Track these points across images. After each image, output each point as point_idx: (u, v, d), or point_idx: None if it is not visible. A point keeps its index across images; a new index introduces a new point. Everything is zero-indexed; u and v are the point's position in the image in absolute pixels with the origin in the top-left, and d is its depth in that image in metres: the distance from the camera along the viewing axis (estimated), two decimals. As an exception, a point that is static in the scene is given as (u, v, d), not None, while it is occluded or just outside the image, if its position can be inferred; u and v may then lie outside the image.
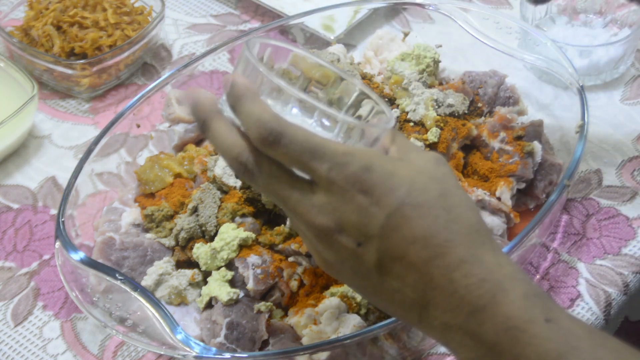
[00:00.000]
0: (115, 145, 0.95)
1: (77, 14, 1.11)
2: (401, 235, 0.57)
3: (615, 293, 0.87)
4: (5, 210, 1.00)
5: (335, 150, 0.58)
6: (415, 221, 0.57)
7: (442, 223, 0.58)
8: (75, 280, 0.81)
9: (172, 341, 0.74)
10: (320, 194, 0.59)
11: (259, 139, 0.58)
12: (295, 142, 0.58)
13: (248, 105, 0.59)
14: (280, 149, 0.58)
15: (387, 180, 0.58)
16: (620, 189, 0.96)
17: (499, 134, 0.91)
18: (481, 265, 0.57)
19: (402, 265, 0.58)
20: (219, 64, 1.11)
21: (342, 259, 0.60)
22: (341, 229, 0.58)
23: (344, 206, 0.58)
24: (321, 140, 0.58)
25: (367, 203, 0.58)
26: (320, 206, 0.59)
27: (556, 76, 0.96)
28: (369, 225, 0.58)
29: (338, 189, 0.58)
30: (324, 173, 0.58)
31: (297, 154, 0.58)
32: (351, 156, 0.58)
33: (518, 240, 0.79)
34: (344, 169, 0.58)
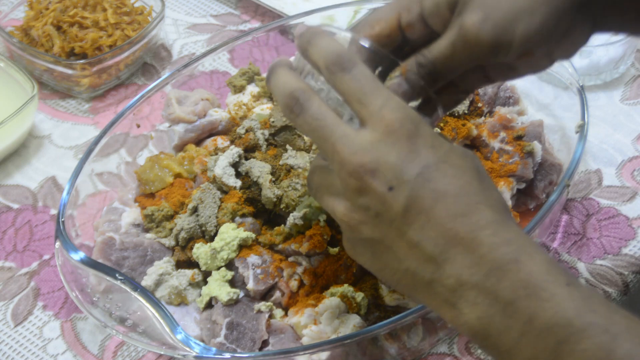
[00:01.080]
0: (115, 145, 0.95)
1: (77, 14, 1.11)
2: (434, 187, 0.58)
3: (615, 293, 0.87)
4: (5, 210, 1.00)
5: (391, 95, 0.60)
6: (450, 178, 0.58)
7: (475, 188, 0.59)
8: (75, 280, 0.81)
9: (172, 341, 0.74)
10: (365, 132, 0.59)
11: (334, 62, 0.60)
12: (363, 74, 0.60)
13: (325, 39, 0.61)
14: (348, 75, 0.60)
15: (431, 137, 0.59)
16: (620, 189, 0.96)
17: (499, 134, 0.91)
18: (508, 228, 0.58)
19: (428, 217, 0.58)
20: (219, 64, 1.11)
21: (368, 203, 0.59)
22: (376, 168, 0.58)
23: (385, 146, 0.58)
24: (381, 85, 0.60)
25: (408, 149, 0.58)
26: (363, 143, 0.59)
27: (556, 76, 0.96)
28: (405, 170, 0.58)
29: (385, 127, 0.59)
30: (377, 108, 0.59)
31: (360, 84, 0.59)
32: (404, 106, 0.60)
33: (518, 240, 0.79)
34: (396, 110, 0.59)
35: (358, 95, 0.60)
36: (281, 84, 0.62)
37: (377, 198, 0.59)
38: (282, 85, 0.62)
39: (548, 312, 0.55)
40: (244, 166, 0.88)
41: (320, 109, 0.61)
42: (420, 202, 0.58)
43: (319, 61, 0.61)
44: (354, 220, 0.61)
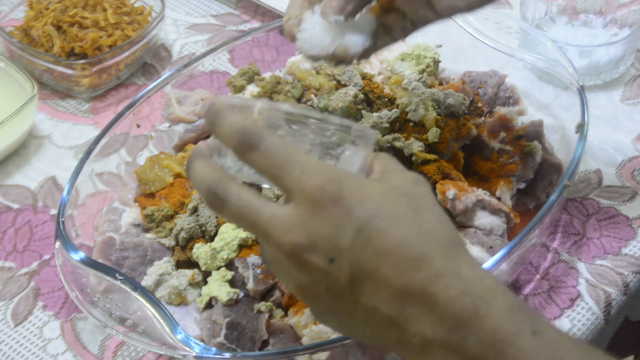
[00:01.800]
0: (115, 145, 0.95)
1: (77, 14, 1.11)
2: (373, 248, 0.56)
3: (615, 293, 0.87)
4: (5, 210, 1.00)
5: (307, 159, 0.58)
6: (387, 234, 0.56)
7: (415, 235, 0.56)
8: (75, 280, 0.81)
9: (172, 341, 0.74)
10: (290, 208, 0.57)
11: (240, 142, 0.58)
12: (272, 147, 0.58)
13: (228, 117, 0.59)
14: (257, 153, 0.58)
15: (357, 192, 0.57)
16: (620, 188, 0.96)
17: (499, 134, 0.91)
18: (460, 277, 0.56)
19: (377, 280, 0.56)
20: (219, 64, 1.11)
21: (315, 280, 0.58)
22: (312, 244, 0.56)
23: (313, 219, 0.56)
24: (296, 149, 0.58)
25: (337, 215, 0.56)
26: (290, 222, 0.57)
27: (556, 76, 0.96)
28: (340, 238, 0.56)
29: (307, 199, 0.57)
30: (294, 180, 0.57)
31: (274, 158, 0.58)
32: (322, 168, 0.57)
33: (518, 240, 0.79)
34: (314, 177, 0.57)
35: (273, 171, 0.58)
36: (198, 179, 0.61)
37: (321, 273, 0.57)
38: (199, 180, 0.61)
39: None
40: (244, 166, 0.88)
41: (240, 197, 0.59)
42: (364, 267, 0.56)
43: (226, 142, 0.60)
44: (307, 297, 0.60)
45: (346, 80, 0.95)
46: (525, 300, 0.87)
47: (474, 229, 0.86)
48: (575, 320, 0.85)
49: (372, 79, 0.97)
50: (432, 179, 0.86)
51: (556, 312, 0.86)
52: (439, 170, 0.87)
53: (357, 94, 0.93)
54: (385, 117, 0.90)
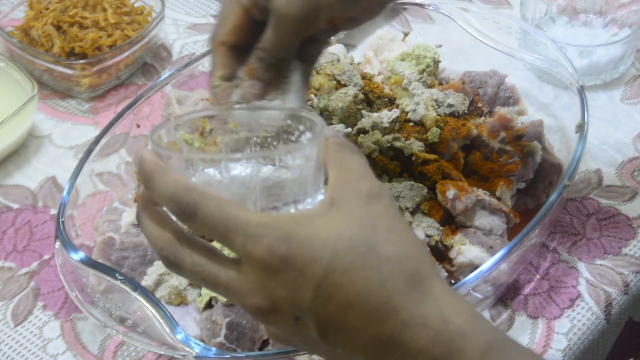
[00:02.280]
0: (115, 145, 0.95)
1: (77, 14, 1.11)
2: (336, 303, 0.54)
3: (615, 293, 0.87)
4: (5, 210, 1.00)
5: (247, 221, 0.55)
6: (346, 287, 0.54)
7: (375, 284, 0.54)
8: (75, 280, 0.81)
9: (172, 341, 0.74)
10: (245, 271, 0.55)
11: (177, 214, 0.56)
12: (209, 214, 0.55)
13: (159, 181, 0.57)
14: (197, 222, 0.56)
15: (307, 249, 0.54)
16: (620, 188, 0.96)
17: (499, 134, 0.91)
18: (426, 326, 0.54)
19: (347, 331, 0.55)
20: (219, 64, 1.11)
21: (286, 333, 0.58)
22: (274, 306, 0.55)
23: (269, 282, 0.55)
24: (234, 210, 0.55)
25: (292, 276, 0.54)
26: (249, 285, 0.55)
27: (556, 76, 0.96)
28: (300, 298, 0.54)
29: (259, 264, 0.54)
30: (240, 247, 0.55)
31: (213, 226, 0.55)
32: (264, 227, 0.54)
33: (518, 240, 0.79)
34: (259, 241, 0.54)
35: (217, 239, 0.56)
36: (150, 240, 0.59)
37: (290, 330, 0.56)
38: (151, 242, 0.59)
39: None
40: (244, 166, 0.87)
41: (194, 262, 0.57)
42: (331, 321, 0.55)
43: (166, 208, 0.57)
44: (285, 343, 0.60)
45: (346, 80, 0.95)
46: (525, 300, 0.87)
47: (474, 229, 0.86)
48: (576, 320, 0.85)
49: (372, 79, 0.97)
50: (432, 179, 0.86)
51: (556, 312, 0.86)
52: (439, 170, 0.87)
53: (357, 94, 0.93)
54: (385, 117, 0.90)
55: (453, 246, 0.84)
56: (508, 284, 0.87)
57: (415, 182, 0.86)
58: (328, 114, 0.91)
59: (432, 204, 0.86)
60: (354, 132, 0.90)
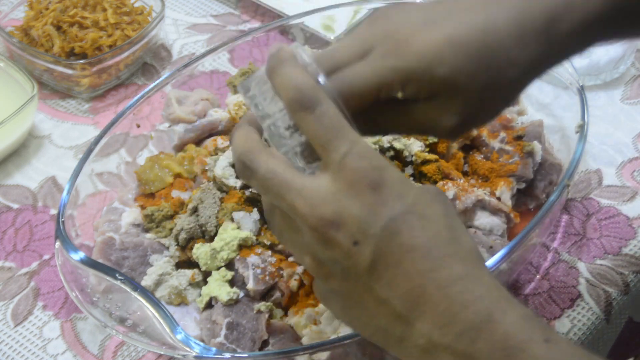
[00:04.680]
0: (115, 145, 0.95)
1: (77, 14, 1.11)
2: (400, 242, 0.56)
3: (615, 293, 0.87)
4: (5, 210, 1.00)
5: (357, 139, 0.57)
6: (418, 231, 0.56)
7: (444, 239, 0.56)
8: (75, 280, 0.81)
9: (172, 341, 0.74)
10: (327, 180, 0.56)
11: (295, 100, 0.57)
12: (327, 115, 0.57)
13: (292, 68, 0.59)
14: (312, 116, 0.57)
15: (397, 184, 0.57)
16: (621, 188, 0.96)
17: (499, 134, 0.91)
18: (480, 282, 0.56)
19: (396, 273, 0.56)
20: (219, 64, 1.11)
21: (334, 258, 0.57)
22: (340, 222, 0.56)
23: (348, 198, 0.56)
24: (348, 125, 0.57)
25: (372, 200, 0.56)
26: (323, 194, 0.56)
27: (556, 76, 0.96)
28: (370, 223, 0.55)
29: (347, 178, 0.56)
30: (340, 156, 0.56)
31: (325, 126, 0.57)
32: (369, 151, 0.57)
33: (518, 240, 0.79)
34: (360, 159, 0.56)
35: (321, 140, 0.57)
36: (233, 147, 0.61)
37: (342, 253, 0.56)
38: (234, 148, 0.61)
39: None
40: (244, 166, 0.87)
41: (269, 168, 0.58)
42: (387, 257, 0.56)
43: (282, 93, 0.59)
44: (321, 273, 0.59)
45: (346, 80, 0.95)
46: (525, 300, 0.87)
47: (474, 229, 0.86)
48: (576, 320, 0.85)
49: (372, 79, 0.97)
50: (432, 179, 0.86)
51: (556, 312, 0.86)
52: (439, 170, 0.86)
53: (357, 94, 0.92)
54: (385, 117, 0.90)
55: (453, 246, 0.84)
56: (508, 284, 0.87)
57: (415, 182, 0.86)
58: (328, 114, 0.91)
59: (432, 204, 0.86)
60: (354, 132, 0.90)
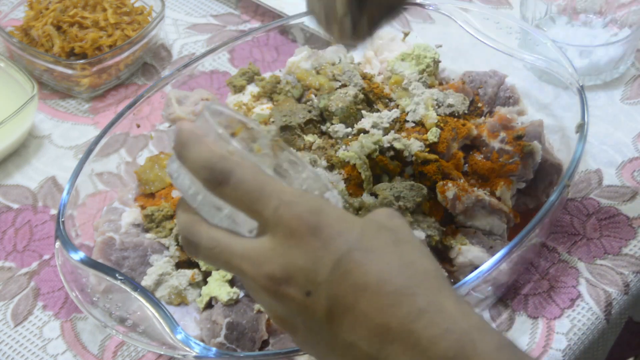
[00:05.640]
0: (115, 145, 0.95)
1: (77, 14, 1.11)
2: (352, 282, 0.54)
3: (615, 293, 0.87)
4: (5, 210, 1.00)
5: (283, 190, 0.56)
6: (367, 267, 0.54)
7: (396, 269, 0.54)
8: (75, 280, 0.81)
9: (172, 341, 0.74)
10: (266, 238, 0.55)
11: (208, 179, 0.56)
12: (244, 180, 0.56)
13: (194, 148, 0.57)
14: (229, 188, 0.56)
15: (337, 223, 0.55)
16: (621, 188, 0.96)
17: (499, 134, 0.91)
18: (444, 314, 0.53)
19: (355, 316, 0.54)
20: (219, 64, 1.11)
21: (292, 312, 0.56)
22: (288, 276, 0.54)
23: (290, 250, 0.54)
24: (270, 180, 0.56)
25: (315, 246, 0.54)
26: (265, 253, 0.55)
27: (556, 76, 0.96)
28: (318, 270, 0.54)
29: (284, 230, 0.54)
30: (271, 212, 0.55)
31: (246, 192, 0.56)
32: (300, 197, 0.55)
33: (518, 240, 0.79)
34: (292, 207, 0.55)
35: (247, 207, 0.56)
36: (177, 224, 0.60)
37: (298, 306, 0.55)
38: (178, 226, 0.60)
39: None
40: (244, 166, 0.87)
41: (210, 236, 0.57)
42: (342, 300, 0.54)
43: (195, 176, 0.58)
44: (287, 328, 0.58)
45: (346, 81, 0.95)
46: (525, 300, 0.87)
47: (474, 229, 0.86)
48: (576, 320, 0.85)
49: (372, 79, 0.97)
50: (432, 179, 0.86)
51: (556, 312, 0.86)
52: (439, 170, 0.87)
53: (357, 94, 0.93)
54: (385, 117, 0.90)
55: (453, 246, 0.84)
56: (508, 284, 0.87)
57: (415, 182, 0.86)
58: (328, 114, 0.92)
59: (432, 204, 0.86)
60: (354, 132, 0.90)
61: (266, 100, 0.98)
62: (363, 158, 0.85)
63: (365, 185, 0.85)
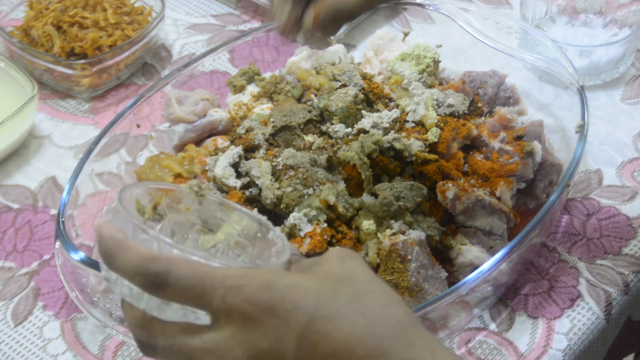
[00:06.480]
0: (115, 145, 0.95)
1: (77, 14, 1.11)
2: (320, 354, 0.52)
3: (615, 293, 0.87)
4: (5, 210, 1.00)
5: (226, 275, 0.53)
6: (332, 335, 0.52)
7: (362, 329, 0.52)
8: (75, 280, 0.81)
9: (172, 341, 0.73)
10: (223, 329, 0.53)
11: (146, 286, 0.54)
12: (182, 277, 0.53)
13: (122, 256, 0.54)
14: (169, 289, 0.53)
15: (290, 296, 0.53)
16: (621, 188, 0.96)
17: (499, 134, 0.91)
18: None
19: None
20: (219, 64, 1.11)
21: None
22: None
23: (250, 335, 0.52)
24: (209, 269, 0.53)
25: (274, 325, 0.52)
26: (227, 342, 0.53)
27: (556, 76, 0.96)
28: (283, 350, 0.52)
29: (239, 316, 0.52)
30: (220, 302, 0.52)
31: (188, 289, 0.53)
32: (243, 277, 0.53)
33: (518, 240, 0.79)
34: (240, 291, 0.52)
35: (192, 300, 0.53)
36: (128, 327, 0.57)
37: None
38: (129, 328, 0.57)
39: None
40: (244, 166, 0.88)
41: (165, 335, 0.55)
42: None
43: (132, 283, 0.55)
44: None
45: (346, 80, 0.95)
46: (525, 300, 0.87)
47: (474, 229, 0.86)
48: (576, 320, 0.85)
49: (372, 79, 0.97)
50: (432, 179, 0.86)
51: (556, 312, 0.86)
52: (439, 170, 0.87)
53: (357, 94, 0.93)
54: (385, 117, 0.90)
55: (453, 246, 0.84)
56: (508, 284, 0.87)
57: (415, 182, 0.86)
58: (328, 114, 0.92)
59: (432, 204, 0.86)
60: (354, 132, 0.90)
61: (266, 100, 0.98)
62: (363, 158, 0.85)
63: (365, 185, 0.85)
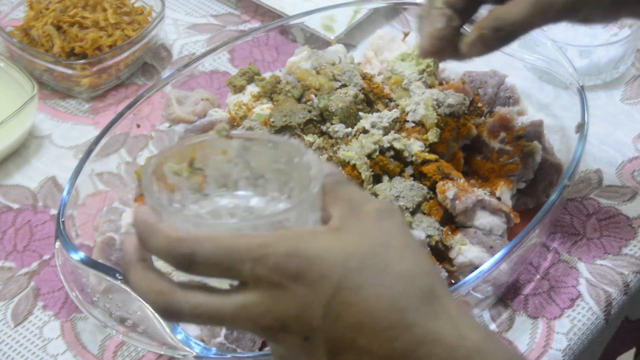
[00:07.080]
0: (115, 145, 0.95)
1: (77, 14, 1.11)
2: (345, 324, 0.53)
3: (615, 293, 0.87)
4: (5, 210, 1.00)
5: (249, 246, 0.53)
6: (357, 306, 0.53)
7: (387, 302, 0.53)
8: (75, 280, 0.81)
9: (172, 341, 0.74)
10: (252, 294, 0.54)
11: (176, 265, 0.55)
12: (208, 255, 0.54)
13: (152, 240, 0.55)
14: (200, 267, 0.54)
15: (316, 265, 0.53)
16: (621, 188, 0.96)
17: (499, 134, 0.91)
18: (441, 343, 0.53)
19: (357, 352, 0.54)
20: (219, 64, 1.11)
21: (294, 355, 0.56)
22: (283, 325, 0.54)
23: (279, 301, 0.53)
24: (232, 242, 0.54)
25: (302, 292, 0.53)
26: (257, 309, 0.54)
27: (556, 76, 0.96)
28: (310, 317, 0.53)
29: (268, 284, 0.53)
30: (248, 273, 0.53)
31: (216, 266, 0.54)
32: (267, 246, 0.53)
33: (518, 240, 0.79)
34: (266, 261, 0.53)
35: (221, 274, 0.54)
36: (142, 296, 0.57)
37: (299, 351, 0.55)
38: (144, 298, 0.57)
39: None
40: (244, 166, 0.87)
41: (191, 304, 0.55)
42: (340, 341, 0.54)
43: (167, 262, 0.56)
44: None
45: (346, 80, 0.95)
46: (525, 300, 0.87)
47: (474, 229, 0.86)
48: (576, 320, 0.85)
49: (372, 79, 0.97)
50: (432, 179, 0.86)
51: (556, 312, 0.86)
52: (439, 170, 0.87)
53: (357, 94, 0.93)
54: (385, 117, 0.90)
55: (453, 246, 0.84)
56: (508, 284, 0.87)
57: (415, 182, 0.86)
58: (328, 114, 0.92)
59: (432, 204, 0.86)
60: (354, 132, 0.90)
61: (266, 100, 0.98)
62: (363, 158, 0.85)
63: (365, 185, 0.85)
